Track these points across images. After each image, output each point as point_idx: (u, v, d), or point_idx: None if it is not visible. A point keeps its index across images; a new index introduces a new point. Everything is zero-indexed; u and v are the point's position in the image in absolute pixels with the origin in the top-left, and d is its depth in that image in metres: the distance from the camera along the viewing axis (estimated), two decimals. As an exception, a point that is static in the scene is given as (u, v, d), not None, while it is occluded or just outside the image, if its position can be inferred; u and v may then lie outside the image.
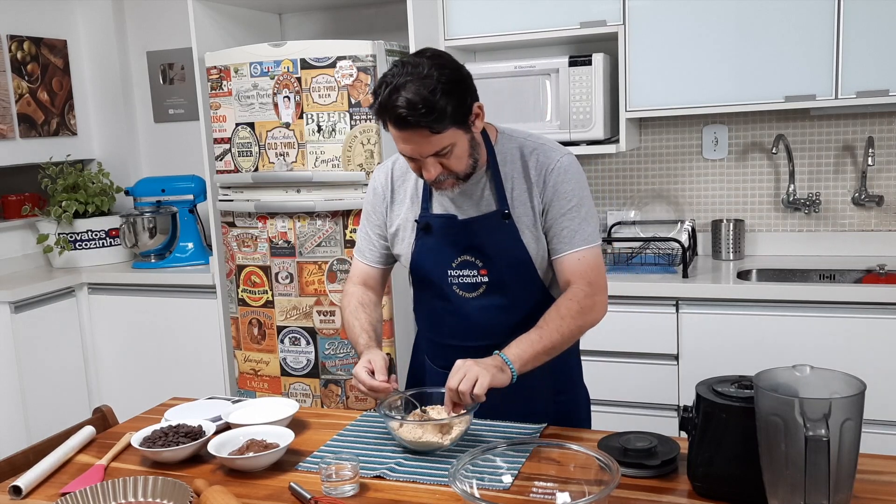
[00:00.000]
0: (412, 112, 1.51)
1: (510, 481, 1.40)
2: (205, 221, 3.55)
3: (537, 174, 1.70)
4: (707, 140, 3.14)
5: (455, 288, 1.75)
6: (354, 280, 1.91)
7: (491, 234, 1.71)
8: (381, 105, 1.56)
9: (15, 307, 3.17)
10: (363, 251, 1.90)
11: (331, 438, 1.68)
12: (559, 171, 1.69)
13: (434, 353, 1.85)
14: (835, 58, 2.63)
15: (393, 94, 1.53)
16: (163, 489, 1.41)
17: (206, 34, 3.15)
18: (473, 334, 1.76)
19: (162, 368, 3.42)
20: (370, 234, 1.87)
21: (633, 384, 2.75)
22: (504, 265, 1.72)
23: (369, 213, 1.87)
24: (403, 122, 1.53)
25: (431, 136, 1.55)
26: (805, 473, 1.13)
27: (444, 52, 1.62)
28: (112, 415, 1.92)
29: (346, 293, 1.90)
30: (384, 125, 1.59)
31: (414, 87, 1.52)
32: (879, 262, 2.83)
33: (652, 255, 2.93)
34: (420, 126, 1.53)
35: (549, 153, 1.72)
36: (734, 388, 1.33)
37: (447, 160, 1.60)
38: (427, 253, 1.76)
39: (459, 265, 1.73)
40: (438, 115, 1.53)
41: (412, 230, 1.78)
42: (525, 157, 1.72)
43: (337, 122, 2.79)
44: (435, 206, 1.76)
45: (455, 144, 1.59)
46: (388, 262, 1.90)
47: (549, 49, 3.16)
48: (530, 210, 1.70)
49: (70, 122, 3.86)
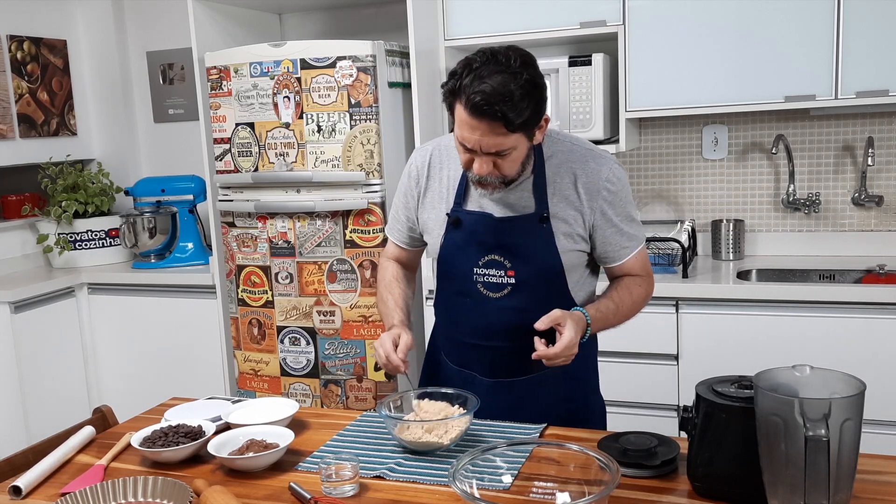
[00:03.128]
0: (493, 102, 1.47)
1: (510, 481, 1.40)
2: (205, 221, 3.55)
3: (589, 183, 1.68)
4: (707, 140, 3.14)
5: (480, 286, 1.72)
6: (388, 255, 1.93)
7: (525, 235, 1.68)
8: (460, 87, 1.51)
9: (15, 307, 3.17)
10: (392, 229, 1.91)
11: (331, 438, 1.68)
12: (613, 181, 1.69)
13: (450, 349, 1.84)
14: (835, 58, 2.63)
15: (477, 80, 1.48)
16: (163, 489, 1.41)
17: (206, 34, 3.15)
18: (492, 335, 1.74)
19: (162, 368, 3.42)
20: (399, 215, 1.87)
21: (633, 384, 2.75)
22: (533, 269, 1.69)
23: (402, 193, 1.85)
24: (479, 111, 1.48)
25: (500, 133, 1.51)
26: (805, 473, 1.13)
27: (531, 54, 1.58)
28: (112, 415, 1.92)
29: (381, 266, 1.92)
30: (449, 108, 1.55)
31: (501, 79, 1.48)
32: (879, 262, 2.83)
33: (652, 255, 2.93)
34: (496, 118, 1.49)
35: (601, 161, 1.70)
36: (734, 388, 1.33)
37: (502, 161, 1.57)
38: (455, 248, 1.74)
39: (487, 263, 1.71)
40: (517, 114, 1.49)
41: (443, 223, 1.75)
42: (573, 163, 1.69)
43: (337, 123, 2.79)
44: (470, 202, 1.73)
45: (516, 148, 1.56)
46: (414, 245, 1.90)
47: (549, 49, 3.16)
48: (571, 217, 1.68)
49: (70, 122, 3.86)
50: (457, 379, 1.77)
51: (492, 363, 1.76)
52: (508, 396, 1.74)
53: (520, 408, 1.72)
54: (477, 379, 1.77)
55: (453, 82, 1.53)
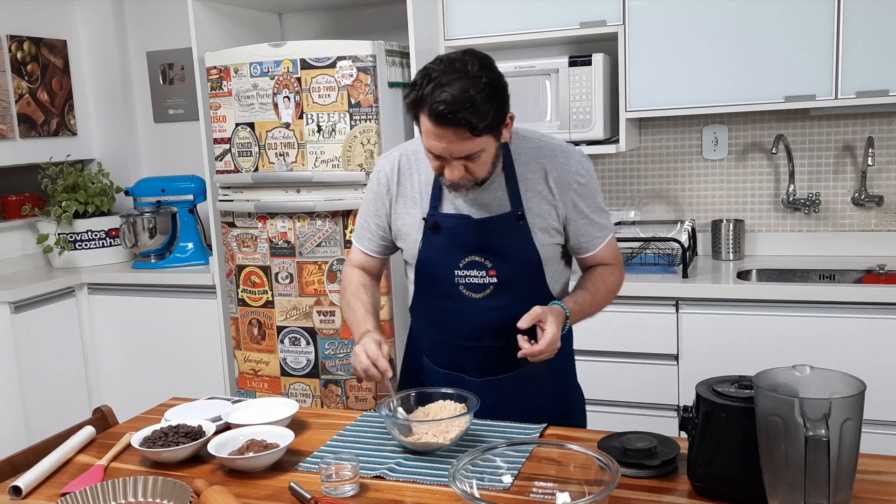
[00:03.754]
0: (456, 110, 1.49)
1: (510, 481, 1.40)
2: (205, 221, 3.55)
3: (558, 177, 1.71)
4: (707, 140, 3.14)
5: (462, 288, 1.74)
6: (353, 263, 1.90)
7: (504, 235, 1.70)
8: (421, 97, 1.52)
9: (15, 307, 3.17)
10: (361, 238, 1.88)
11: (331, 438, 1.68)
12: (582, 173, 1.73)
13: (435, 353, 1.84)
14: (835, 58, 2.63)
15: (437, 89, 1.50)
16: (163, 489, 1.41)
17: (206, 34, 3.15)
18: (478, 335, 1.75)
19: (162, 368, 3.42)
20: (369, 223, 1.85)
21: (633, 384, 2.75)
22: (514, 266, 1.71)
23: (371, 202, 1.84)
24: (443, 119, 1.50)
25: (467, 138, 1.53)
26: (805, 473, 1.13)
27: (489, 56, 1.59)
28: (112, 415, 1.92)
29: (346, 275, 1.89)
30: (415, 119, 1.57)
31: (460, 86, 1.49)
32: (879, 262, 2.83)
33: (652, 255, 2.93)
34: (460, 125, 1.50)
35: (569, 155, 1.73)
36: (734, 388, 1.33)
37: (473, 164, 1.58)
38: (435, 252, 1.74)
39: (467, 265, 1.72)
40: (480, 118, 1.51)
41: (419, 228, 1.76)
42: (542, 159, 1.72)
43: (337, 123, 2.79)
44: (445, 205, 1.74)
45: (484, 150, 1.58)
46: (385, 252, 1.89)
47: (549, 49, 3.16)
48: (545, 211, 1.72)
49: (70, 122, 3.86)
50: (444, 381, 1.76)
51: (480, 363, 1.77)
52: (497, 394, 1.74)
53: (509, 404, 1.73)
54: (466, 380, 1.77)
55: (414, 94, 1.54)
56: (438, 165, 1.61)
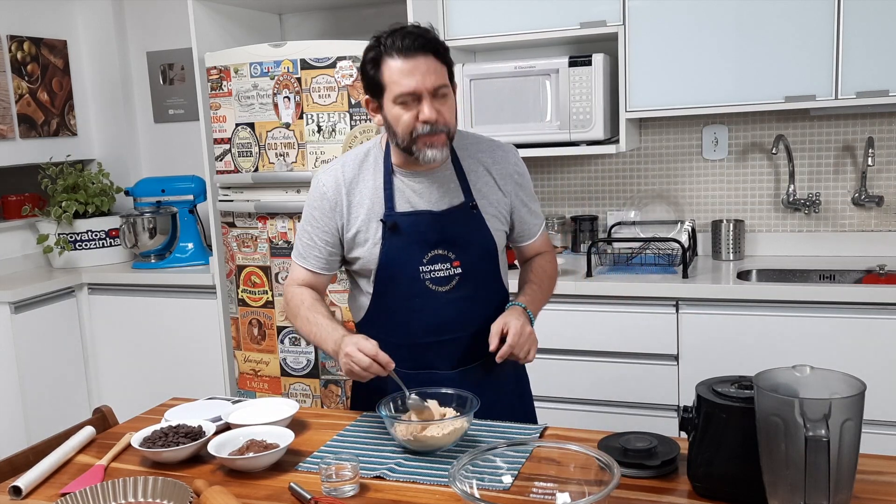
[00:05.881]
0: (421, 34, 1.62)
1: (510, 481, 1.40)
2: (205, 222, 3.55)
3: (500, 169, 1.82)
4: (707, 140, 3.14)
5: (428, 283, 1.75)
6: (298, 282, 1.84)
7: (463, 225, 1.77)
8: (384, 48, 1.62)
9: (15, 307, 3.17)
10: (307, 257, 1.83)
11: (331, 439, 1.68)
12: (519, 165, 1.86)
13: (400, 356, 1.70)
14: (835, 58, 2.63)
15: (397, 34, 1.62)
16: (163, 489, 1.41)
17: (206, 34, 3.15)
18: (445, 329, 1.77)
19: (162, 368, 3.42)
20: (314, 240, 1.80)
21: (632, 384, 2.75)
22: (475, 255, 1.78)
23: (315, 219, 1.79)
24: (412, 49, 1.60)
25: (436, 68, 1.63)
26: (805, 473, 1.13)
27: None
28: (112, 415, 1.92)
29: (294, 294, 1.82)
30: (377, 66, 1.64)
31: (416, 27, 1.65)
32: (879, 262, 2.83)
33: (652, 256, 2.93)
34: (428, 50, 1.62)
35: (506, 149, 1.86)
36: (734, 389, 1.33)
37: (442, 107, 1.65)
38: (396, 252, 1.74)
39: (431, 260, 1.75)
40: (442, 45, 1.65)
41: (376, 230, 1.74)
42: (482, 154, 1.82)
43: (337, 123, 2.79)
44: (399, 203, 1.75)
45: (449, 91, 1.67)
46: (331, 269, 1.85)
47: (549, 49, 3.16)
48: (494, 200, 1.81)
49: (70, 123, 3.86)
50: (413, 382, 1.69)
51: (450, 355, 1.79)
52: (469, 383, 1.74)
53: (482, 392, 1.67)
54: (437, 374, 1.76)
55: (375, 51, 1.64)
56: (411, 115, 1.64)
